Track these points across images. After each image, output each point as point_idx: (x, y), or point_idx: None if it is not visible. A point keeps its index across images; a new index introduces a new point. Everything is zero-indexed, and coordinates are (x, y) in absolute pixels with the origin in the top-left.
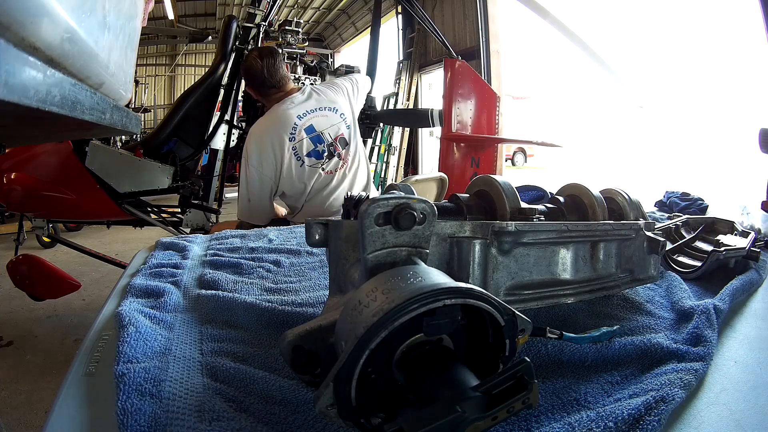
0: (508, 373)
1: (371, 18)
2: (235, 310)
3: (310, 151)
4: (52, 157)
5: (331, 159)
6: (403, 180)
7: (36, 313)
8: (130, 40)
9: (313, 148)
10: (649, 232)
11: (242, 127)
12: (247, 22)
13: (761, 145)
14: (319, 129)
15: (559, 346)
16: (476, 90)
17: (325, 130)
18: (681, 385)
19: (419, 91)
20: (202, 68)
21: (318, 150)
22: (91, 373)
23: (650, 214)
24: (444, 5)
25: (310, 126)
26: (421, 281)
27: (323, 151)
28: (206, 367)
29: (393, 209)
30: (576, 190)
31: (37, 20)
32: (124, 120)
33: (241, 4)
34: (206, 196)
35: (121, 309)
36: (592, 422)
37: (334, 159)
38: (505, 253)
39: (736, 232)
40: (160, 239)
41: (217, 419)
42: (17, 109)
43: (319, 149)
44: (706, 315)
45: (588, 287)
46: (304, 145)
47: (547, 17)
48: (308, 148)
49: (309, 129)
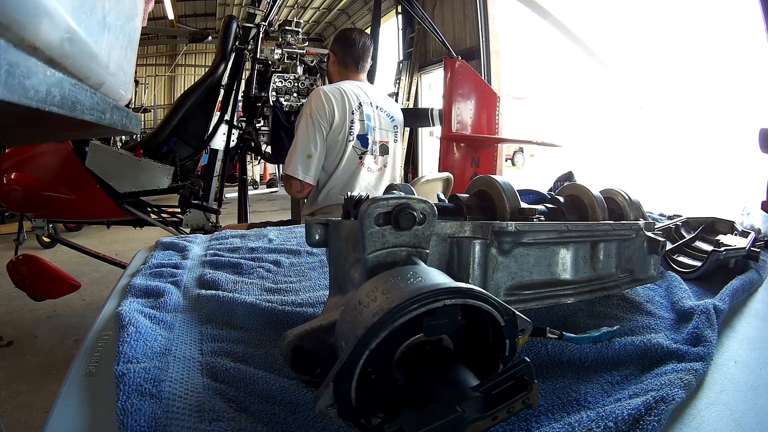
0: (508, 374)
1: (371, 18)
2: (235, 310)
3: (361, 134)
4: (52, 157)
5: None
6: (413, 181)
7: (36, 313)
8: (130, 40)
9: (363, 133)
10: (649, 232)
11: (242, 127)
12: (247, 22)
13: (761, 145)
14: (373, 124)
15: (559, 346)
16: (476, 90)
17: (376, 128)
18: (681, 385)
19: (419, 91)
20: (202, 68)
21: (367, 138)
22: (91, 373)
23: (650, 214)
24: (444, 5)
25: (368, 115)
26: (421, 281)
27: (370, 142)
28: (206, 367)
29: (393, 209)
30: (576, 191)
31: (37, 20)
32: (124, 120)
33: (241, 4)
34: (206, 196)
35: (121, 309)
36: (592, 422)
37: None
38: (505, 253)
39: (736, 232)
40: (160, 239)
41: (217, 419)
42: (17, 109)
43: (368, 138)
44: (706, 315)
45: (588, 287)
46: (358, 126)
47: (547, 17)
48: (361, 130)
49: (368, 116)
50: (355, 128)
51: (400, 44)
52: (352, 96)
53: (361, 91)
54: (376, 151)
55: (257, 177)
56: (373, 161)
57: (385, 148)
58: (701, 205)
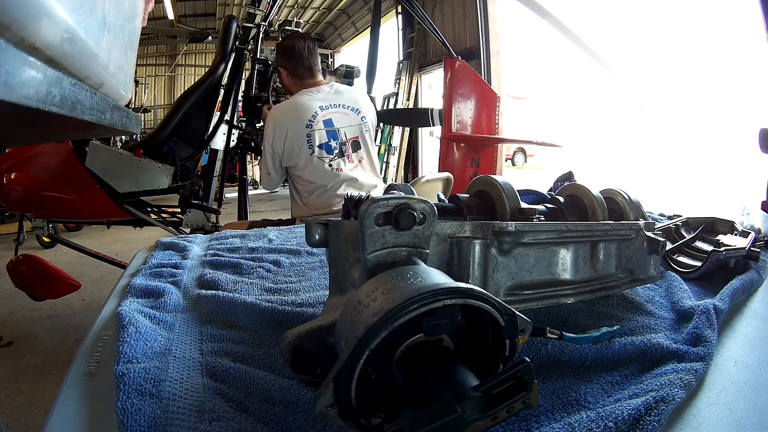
0: (508, 374)
1: (371, 18)
2: (235, 310)
3: (322, 143)
4: (52, 157)
5: (340, 157)
6: (413, 181)
7: (36, 313)
8: (130, 40)
9: (325, 141)
10: (649, 232)
11: (242, 127)
12: (247, 22)
13: (761, 145)
14: (337, 125)
15: (559, 347)
16: (476, 90)
17: (341, 128)
18: (681, 386)
19: (419, 91)
20: (202, 68)
21: (330, 145)
22: (91, 373)
23: (650, 214)
24: (444, 5)
25: (329, 119)
26: (421, 281)
27: (334, 148)
28: (206, 367)
29: (393, 209)
30: (576, 191)
31: (37, 20)
32: (124, 120)
33: (241, 4)
34: (206, 196)
35: (121, 309)
36: (592, 422)
37: (342, 158)
38: (505, 253)
39: (736, 232)
40: (160, 239)
41: (217, 419)
42: (17, 109)
43: (332, 145)
44: (706, 315)
45: (588, 287)
46: (317, 136)
47: (547, 17)
48: (321, 140)
49: (327, 122)
50: (314, 139)
51: (400, 44)
52: (307, 108)
53: (318, 97)
54: (347, 150)
55: (257, 177)
56: (348, 161)
57: (357, 144)
58: (701, 205)
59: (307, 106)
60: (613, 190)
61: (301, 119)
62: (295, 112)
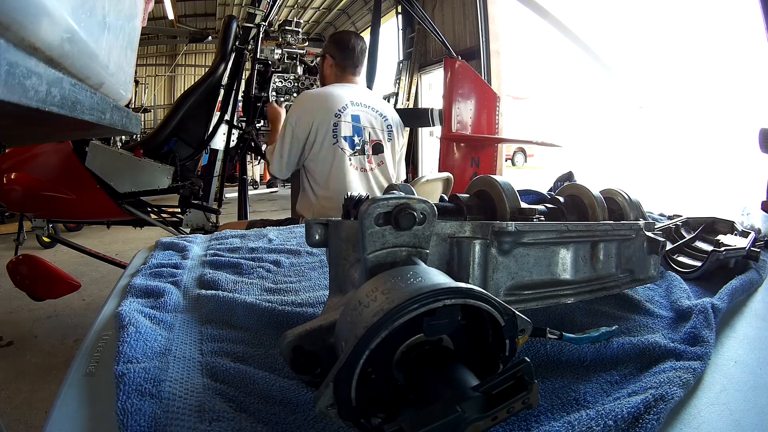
0: (508, 374)
1: (371, 18)
2: (235, 310)
3: (346, 136)
4: (52, 157)
5: (361, 154)
6: (413, 181)
7: (36, 313)
8: (130, 40)
9: (350, 135)
10: (649, 232)
11: (242, 127)
12: (247, 22)
13: (761, 145)
14: (363, 123)
15: (558, 346)
16: (476, 90)
17: (367, 128)
18: (679, 384)
19: (419, 91)
20: (202, 68)
21: (353, 139)
22: (91, 373)
23: (650, 214)
24: (444, 5)
25: (357, 115)
26: (421, 281)
27: (357, 144)
28: (206, 367)
29: (393, 209)
30: (576, 191)
31: (37, 20)
32: (124, 120)
33: (241, 4)
34: (206, 196)
35: (121, 309)
36: (591, 421)
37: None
38: (505, 253)
39: (736, 232)
40: (160, 239)
41: (217, 419)
42: (17, 109)
43: (355, 140)
44: (704, 314)
45: (588, 287)
46: (344, 128)
47: (547, 17)
48: (346, 132)
49: (355, 117)
50: (340, 130)
51: (400, 44)
52: (338, 98)
53: (351, 92)
54: (368, 151)
55: (257, 177)
56: (366, 161)
57: (379, 146)
58: (701, 205)
59: (340, 96)
60: (613, 190)
61: (330, 108)
62: (326, 99)
